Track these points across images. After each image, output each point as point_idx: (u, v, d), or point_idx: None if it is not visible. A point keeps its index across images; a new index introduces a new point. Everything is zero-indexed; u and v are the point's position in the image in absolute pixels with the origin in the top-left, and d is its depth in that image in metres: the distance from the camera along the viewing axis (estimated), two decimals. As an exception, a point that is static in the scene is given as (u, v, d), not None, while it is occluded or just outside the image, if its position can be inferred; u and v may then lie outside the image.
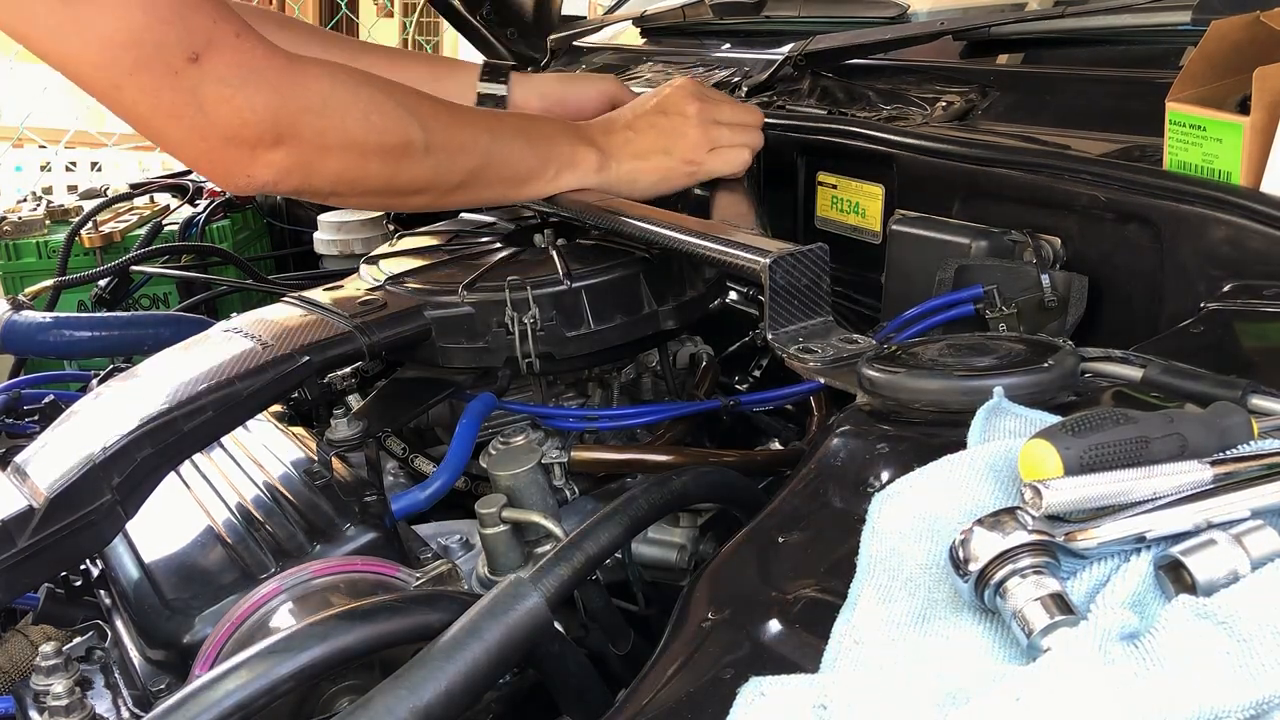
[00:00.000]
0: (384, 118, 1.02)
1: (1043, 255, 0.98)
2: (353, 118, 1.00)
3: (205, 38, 0.90)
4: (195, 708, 0.59)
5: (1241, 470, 0.51)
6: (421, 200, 1.11)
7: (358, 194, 1.06)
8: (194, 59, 0.90)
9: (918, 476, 0.56)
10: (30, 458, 0.87)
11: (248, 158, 0.95)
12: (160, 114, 0.92)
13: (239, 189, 1.00)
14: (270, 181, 0.98)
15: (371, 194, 1.07)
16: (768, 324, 0.89)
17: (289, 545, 0.88)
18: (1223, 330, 0.78)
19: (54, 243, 1.87)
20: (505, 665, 0.62)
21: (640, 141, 1.19)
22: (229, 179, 0.98)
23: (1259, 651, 0.41)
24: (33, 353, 1.48)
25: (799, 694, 0.46)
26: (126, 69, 0.88)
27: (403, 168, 1.04)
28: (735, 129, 1.23)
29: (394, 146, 1.02)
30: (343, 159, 1.00)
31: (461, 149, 1.08)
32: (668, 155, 1.20)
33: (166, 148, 0.98)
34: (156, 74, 0.89)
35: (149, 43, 0.88)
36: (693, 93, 1.22)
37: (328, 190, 1.04)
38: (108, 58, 0.88)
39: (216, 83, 0.91)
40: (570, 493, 1.05)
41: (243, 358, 0.94)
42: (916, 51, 1.34)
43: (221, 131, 0.93)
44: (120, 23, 0.87)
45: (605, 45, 1.94)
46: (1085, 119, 1.09)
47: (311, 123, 0.97)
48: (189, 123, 0.92)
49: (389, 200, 1.11)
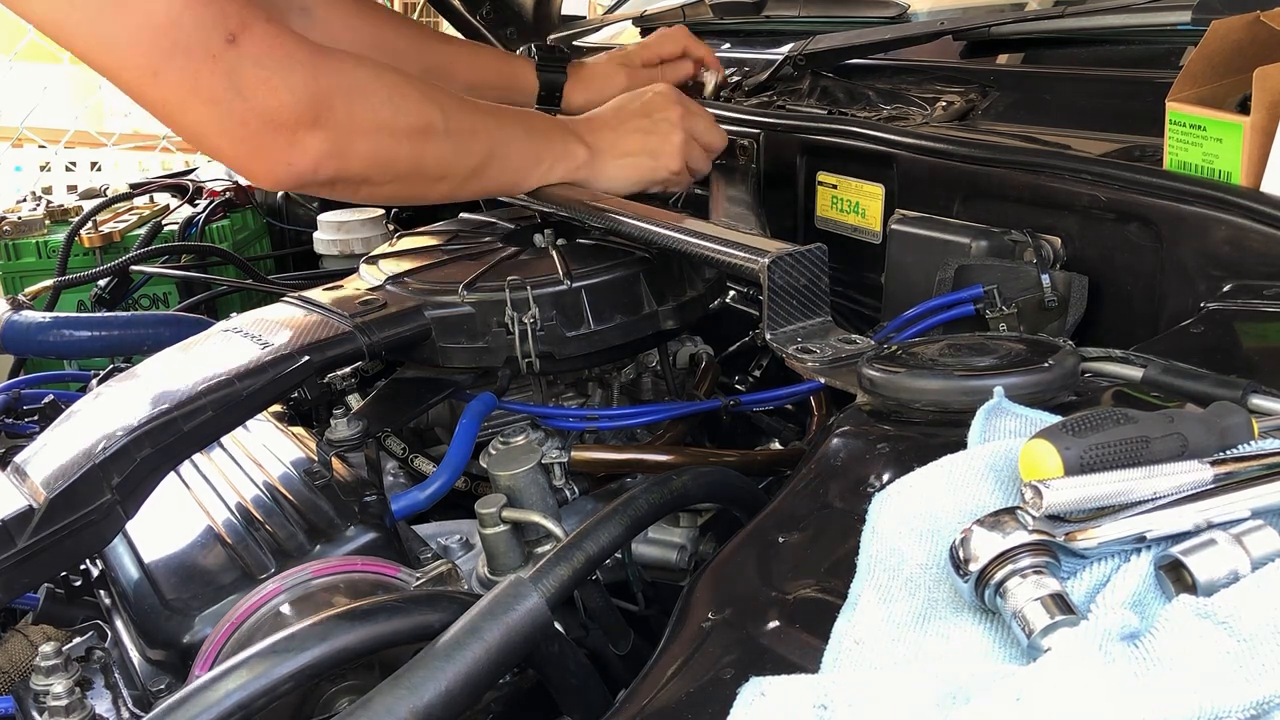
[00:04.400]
0: (406, 100, 1.04)
1: (1043, 255, 0.98)
2: (380, 99, 1.02)
3: (240, 20, 0.91)
4: (195, 708, 0.59)
5: (1242, 470, 0.51)
6: (443, 188, 1.12)
7: (388, 179, 1.07)
8: (231, 40, 0.90)
9: (918, 476, 0.56)
10: (30, 458, 0.87)
11: (286, 142, 0.96)
12: (199, 99, 0.92)
13: (278, 180, 1.00)
14: (309, 168, 0.98)
15: (400, 179, 1.08)
16: (766, 324, 0.89)
17: (289, 545, 0.87)
18: (1223, 330, 0.78)
19: (54, 243, 1.87)
20: (505, 665, 0.62)
21: (626, 143, 1.22)
22: (270, 168, 0.98)
23: (1259, 651, 0.41)
24: (33, 353, 1.48)
25: (799, 694, 0.46)
26: (166, 51, 0.89)
27: (428, 149, 1.06)
28: (703, 155, 1.27)
29: (419, 127, 1.05)
30: (374, 140, 1.02)
31: (475, 133, 1.11)
32: (651, 158, 1.22)
33: (204, 140, 0.97)
34: (195, 58, 0.90)
35: (188, 24, 0.89)
36: (675, 100, 1.25)
37: (361, 175, 1.05)
38: (147, 39, 0.88)
39: (253, 64, 0.92)
40: (570, 493, 1.05)
41: (242, 358, 0.94)
42: (916, 51, 1.34)
43: (260, 115, 0.94)
44: (160, 4, 0.87)
45: (605, 45, 1.94)
46: (1085, 119, 1.09)
47: (344, 104, 0.99)
48: (227, 108, 0.93)
49: (415, 187, 1.12)
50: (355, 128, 1.00)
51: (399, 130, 1.03)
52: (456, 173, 1.10)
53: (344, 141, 0.99)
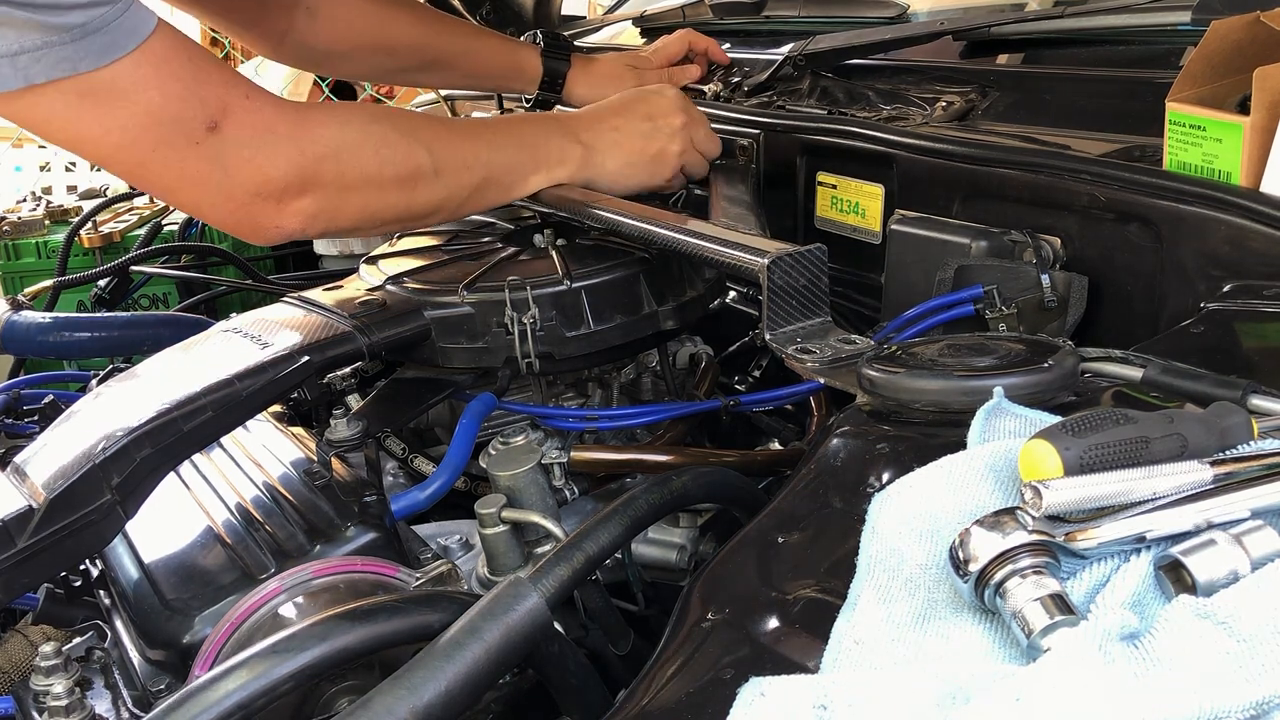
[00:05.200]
0: (394, 150, 1.05)
1: (1043, 255, 0.98)
2: (366, 155, 1.03)
3: (220, 106, 0.92)
4: (195, 708, 0.59)
5: (1241, 470, 0.51)
6: (435, 220, 1.15)
7: (378, 225, 1.09)
8: (213, 128, 0.92)
9: (917, 476, 0.56)
10: (30, 458, 0.87)
11: (275, 210, 0.98)
12: (186, 183, 0.95)
13: (269, 240, 1.02)
14: (298, 229, 1.01)
15: (391, 223, 1.11)
16: (766, 324, 0.89)
17: (289, 545, 0.87)
18: (1223, 330, 0.78)
19: (54, 243, 1.87)
20: (505, 665, 0.62)
21: (628, 144, 1.22)
22: (260, 232, 1.01)
23: (1259, 651, 0.41)
24: (32, 353, 1.48)
25: (799, 694, 0.46)
26: (149, 147, 0.91)
27: (417, 194, 1.07)
28: (699, 161, 1.27)
29: (407, 175, 1.05)
30: (363, 196, 1.03)
31: (465, 166, 1.11)
32: (650, 163, 1.22)
33: (196, 213, 1.03)
34: (179, 148, 0.91)
35: (167, 121, 0.90)
36: (681, 107, 1.24)
37: (351, 228, 1.07)
38: (129, 140, 0.90)
39: (237, 146, 0.94)
40: (570, 493, 1.05)
41: (242, 358, 0.94)
42: (916, 51, 1.34)
43: (248, 190, 0.96)
44: (138, 107, 0.89)
45: (605, 45, 1.94)
46: (1085, 119, 1.09)
47: (331, 168, 1.00)
48: (215, 188, 0.95)
49: (406, 225, 1.16)
50: (344, 188, 1.01)
51: (387, 182, 1.04)
52: (448, 206, 1.12)
53: (333, 202, 1.01)
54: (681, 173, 1.25)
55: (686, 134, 1.23)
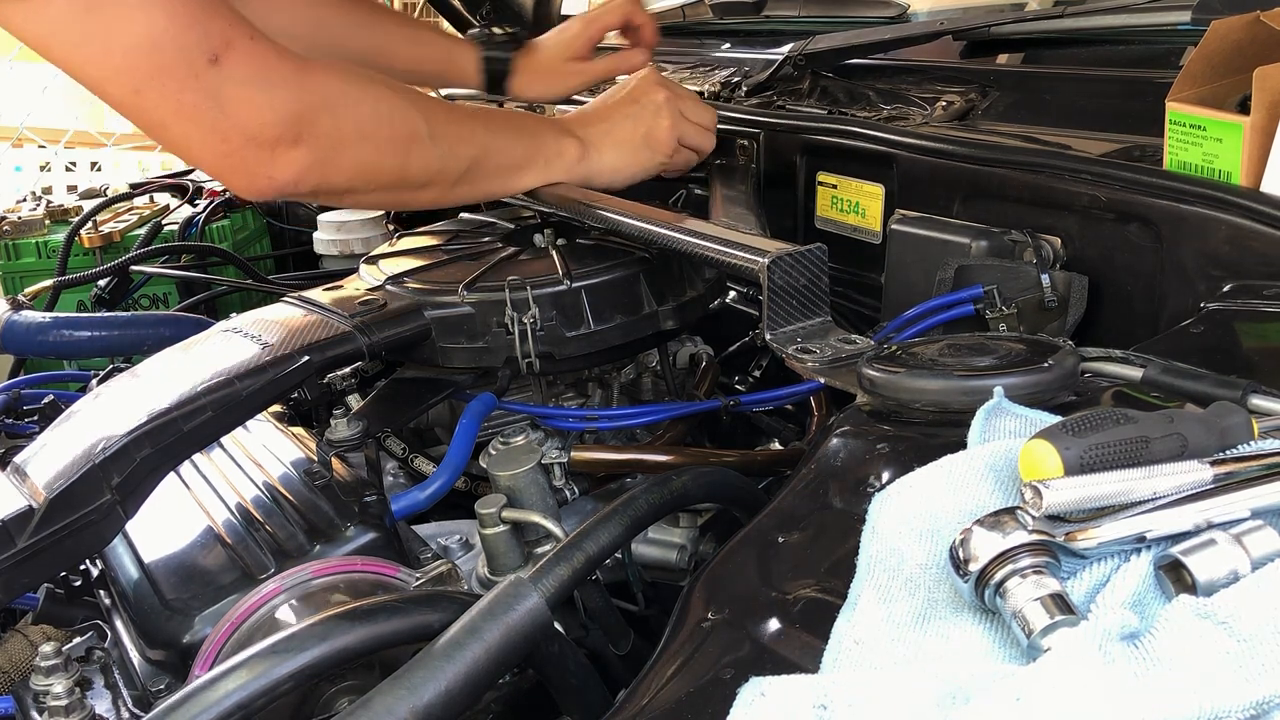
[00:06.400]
0: (392, 110, 1.04)
1: (1043, 255, 0.98)
2: (364, 110, 1.02)
3: (223, 39, 0.91)
4: (195, 708, 0.59)
5: (1241, 470, 0.51)
6: (429, 195, 1.12)
7: (372, 189, 1.07)
8: (214, 60, 0.91)
9: (918, 476, 0.56)
10: (30, 458, 0.87)
11: (268, 158, 0.96)
12: (181, 117, 0.93)
13: (259, 192, 1.00)
14: (290, 181, 0.99)
15: (384, 188, 1.08)
16: (766, 324, 0.89)
17: (289, 545, 0.87)
18: (1223, 330, 0.78)
19: (54, 243, 1.87)
20: (505, 665, 0.62)
21: (618, 131, 1.22)
22: (251, 181, 0.98)
23: (1259, 651, 0.41)
24: (32, 353, 1.48)
25: (799, 694, 0.46)
26: (148, 73, 0.89)
27: (412, 158, 1.06)
28: (697, 130, 1.26)
29: (403, 137, 1.05)
30: (358, 152, 1.02)
31: (461, 139, 1.10)
32: (645, 143, 1.22)
33: (186, 153, 0.99)
34: (178, 77, 0.90)
35: (170, 46, 0.89)
36: (658, 81, 1.25)
37: (344, 187, 1.05)
38: (130, 62, 0.89)
39: (236, 83, 0.92)
40: (570, 493, 1.05)
41: (242, 358, 0.94)
42: (916, 51, 1.34)
43: (243, 131, 0.94)
44: (142, 27, 0.87)
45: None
46: (1085, 119, 1.09)
47: (327, 119, 0.98)
48: (210, 125, 0.93)
49: (400, 195, 1.12)
50: (339, 141, 1.00)
51: (383, 140, 1.03)
52: (443, 179, 1.10)
53: (327, 155, 1.00)
54: (682, 147, 1.25)
55: (673, 107, 1.22)
